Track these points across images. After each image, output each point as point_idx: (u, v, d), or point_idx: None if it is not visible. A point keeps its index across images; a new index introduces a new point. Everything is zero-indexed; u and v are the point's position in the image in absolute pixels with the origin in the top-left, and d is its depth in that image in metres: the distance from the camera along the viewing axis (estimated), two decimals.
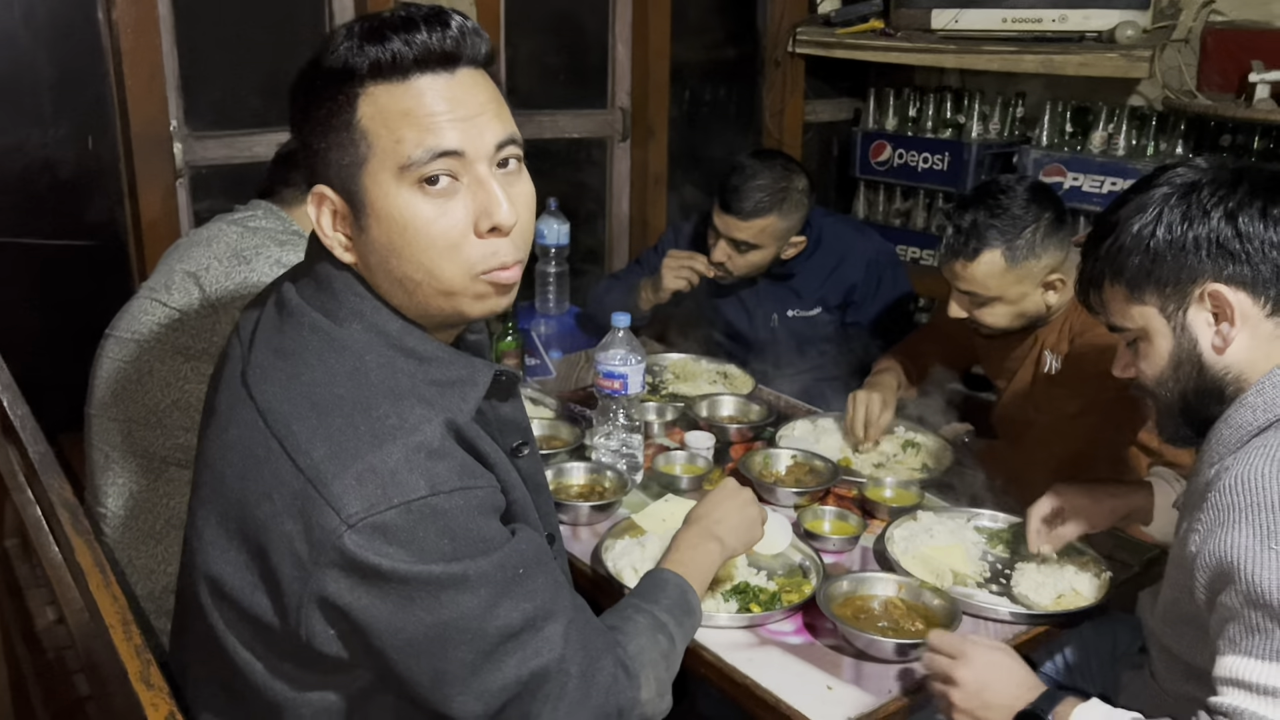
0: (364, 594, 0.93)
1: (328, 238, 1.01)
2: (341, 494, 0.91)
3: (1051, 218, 1.88)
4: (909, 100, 3.43)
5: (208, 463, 1.04)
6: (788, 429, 2.13)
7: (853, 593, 1.53)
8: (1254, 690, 1.06)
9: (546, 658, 1.01)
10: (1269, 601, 1.05)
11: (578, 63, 3.22)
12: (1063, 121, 3.10)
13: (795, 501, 1.84)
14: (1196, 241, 1.21)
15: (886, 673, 1.39)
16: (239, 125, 2.58)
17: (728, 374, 2.46)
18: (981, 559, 1.68)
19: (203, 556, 1.02)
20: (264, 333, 1.05)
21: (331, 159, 0.98)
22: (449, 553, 0.93)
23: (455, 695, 0.97)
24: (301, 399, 0.97)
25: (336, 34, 0.98)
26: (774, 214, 2.37)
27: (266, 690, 1.03)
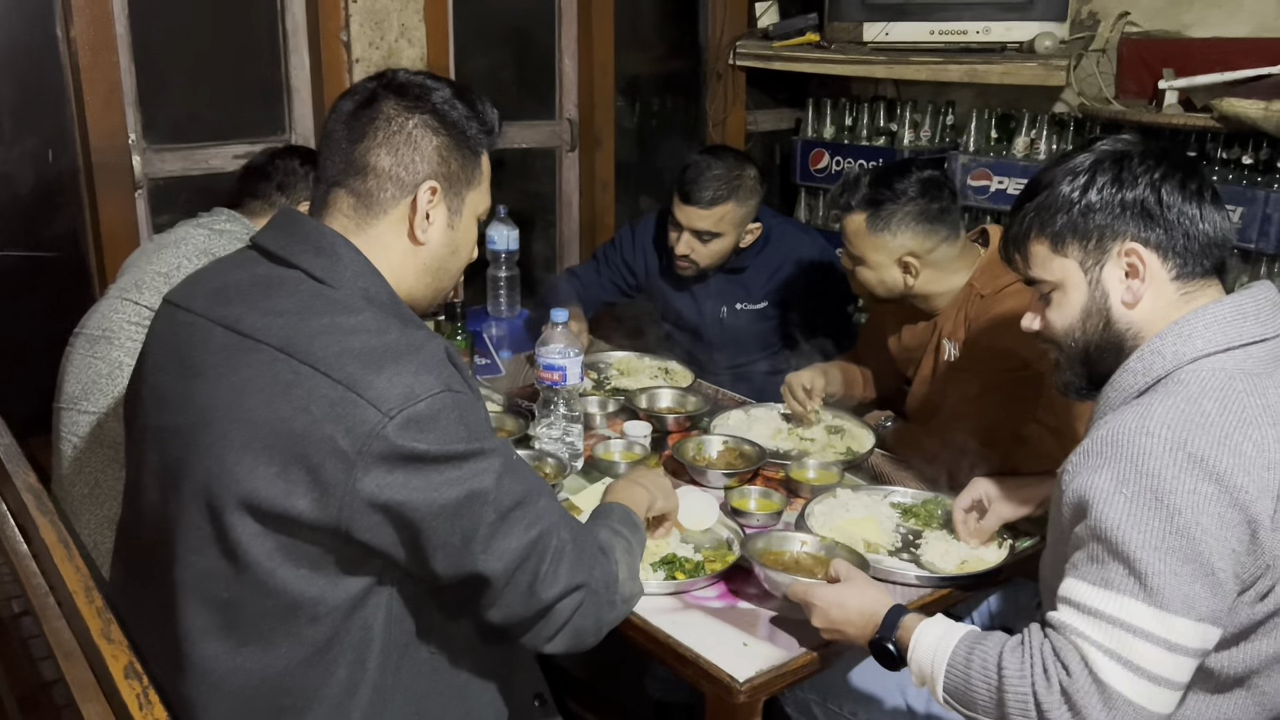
0: (403, 475, 1.12)
1: (421, 216, 1.29)
2: (378, 395, 1.11)
3: (922, 207, 2.04)
4: (846, 110, 3.57)
5: (212, 406, 1.18)
6: (722, 418, 2.25)
7: (768, 548, 1.66)
8: (1081, 610, 1.19)
9: (546, 523, 1.24)
10: (1108, 537, 1.19)
11: (526, 76, 3.34)
12: (989, 128, 3.25)
13: (725, 483, 1.96)
14: (1124, 204, 1.33)
15: (798, 630, 1.51)
16: (195, 138, 2.67)
17: (669, 370, 2.58)
18: (895, 530, 1.81)
19: (227, 481, 1.15)
20: (245, 297, 1.23)
21: (454, 171, 1.32)
22: (465, 435, 1.16)
23: (480, 553, 1.18)
24: (319, 334, 1.16)
25: (453, 88, 1.34)
26: (732, 201, 2.52)
27: (288, 590, 1.16)
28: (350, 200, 1.29)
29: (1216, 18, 2.97)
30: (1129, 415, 1.24)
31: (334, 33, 2.73)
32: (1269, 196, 2.58)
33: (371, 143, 1.27)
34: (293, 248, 1.26)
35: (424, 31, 2.88)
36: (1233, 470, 1.16)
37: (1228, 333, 1.28)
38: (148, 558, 1.28)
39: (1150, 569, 1.15)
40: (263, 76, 2.79)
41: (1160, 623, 1.15)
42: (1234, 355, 1.27)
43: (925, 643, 1.31)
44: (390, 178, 1.28)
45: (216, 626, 1.20)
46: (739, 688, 1.39)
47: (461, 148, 1.32)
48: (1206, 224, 1.32)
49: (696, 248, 2.58)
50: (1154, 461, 1.18)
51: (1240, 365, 1.26)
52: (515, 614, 1.24)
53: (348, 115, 1.30)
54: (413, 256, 1.32)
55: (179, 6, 2.62)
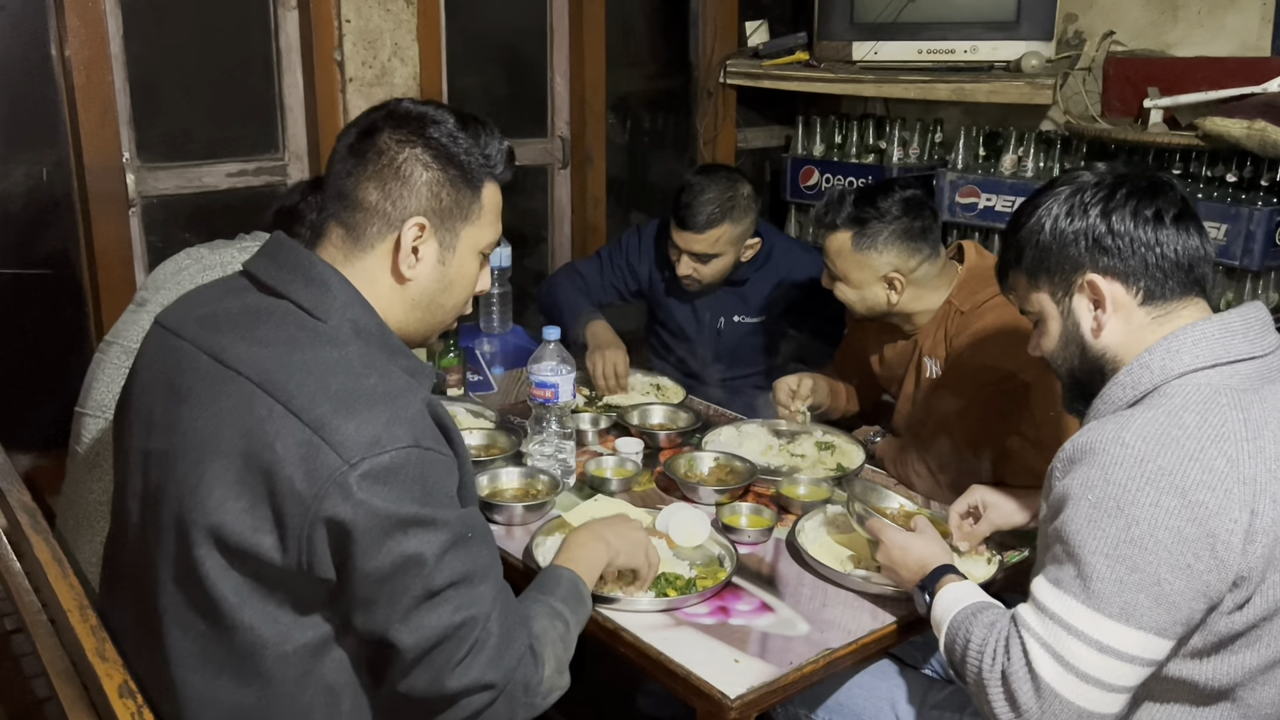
0: (350, 523, 1.10)
1: (406, 253, 1.27)
2: (343, 441, 1.10)
3: (906, 225, 2.07)
4: (835, 127, 3.60)
5: (192, 432, 1.18)
6: (714, 434, 2.26)
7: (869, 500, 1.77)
8: (1034, 604, 1.27)
9: (476, 611, 1.18)
10: (1068, 539, 1.24)
11: (518, 94, 3.37)
12: (977, 146, 3.28)
13: (716, 499, 1.97)
14: (1076, 236, 1.37)
15: (788, 647, 1.52)
16: (190, 156, 2.69)
17: (660, 386, 2.60)
18: None
19: (199, 513, 1.14)
20: (227, 326, 1.23)
21: (447, 207, 1.28)
22: (420, 497, 1.13)
23: (396, 623, 1.14)
24: (298, 370, 1.15)
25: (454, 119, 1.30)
26: (726, 222, 2.55)
27: (253, 629, 1.15)
28: (340, 232, 1.28)
29: (1200, 37, 3.01)
30: (1110, 424, 1.27)
31: (327, 52, 2.75)
32: (1252, 214, 2.61)
33: (362, 175, 1.26)
34: (282, 278, 1.24)
35: (417, 51, 2.90)
36: (1198, 486, 1.19)
37: (1215, 349, 1.30)
38: (133, 579, 1.28)
39: (1095, 573, 1.21)
40: (256, 95, 2.80)
41: (1094, 624, 1.20)
42: (1221, 371, 1.29)
43: (945, 600, 1.44)
44: (377, 212, 1.26)
45: (196, 655, 1.21)
46: (730, 704, 1.40)
47: (457, 182, 1.28)
48: (1167, 246, 1.34)
49: (698, 268, 2.61)
50: (1121, 471, 1.21)
51: (1226, 381, 1.28)
52: (418, 692, 1.19)
53: (347, 146, 1.29)
54: (399, 293, 1.29)
55: (173, 26, 2.64)
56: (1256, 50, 2.91)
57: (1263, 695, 1.28)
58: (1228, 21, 2.96)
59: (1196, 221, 1.37)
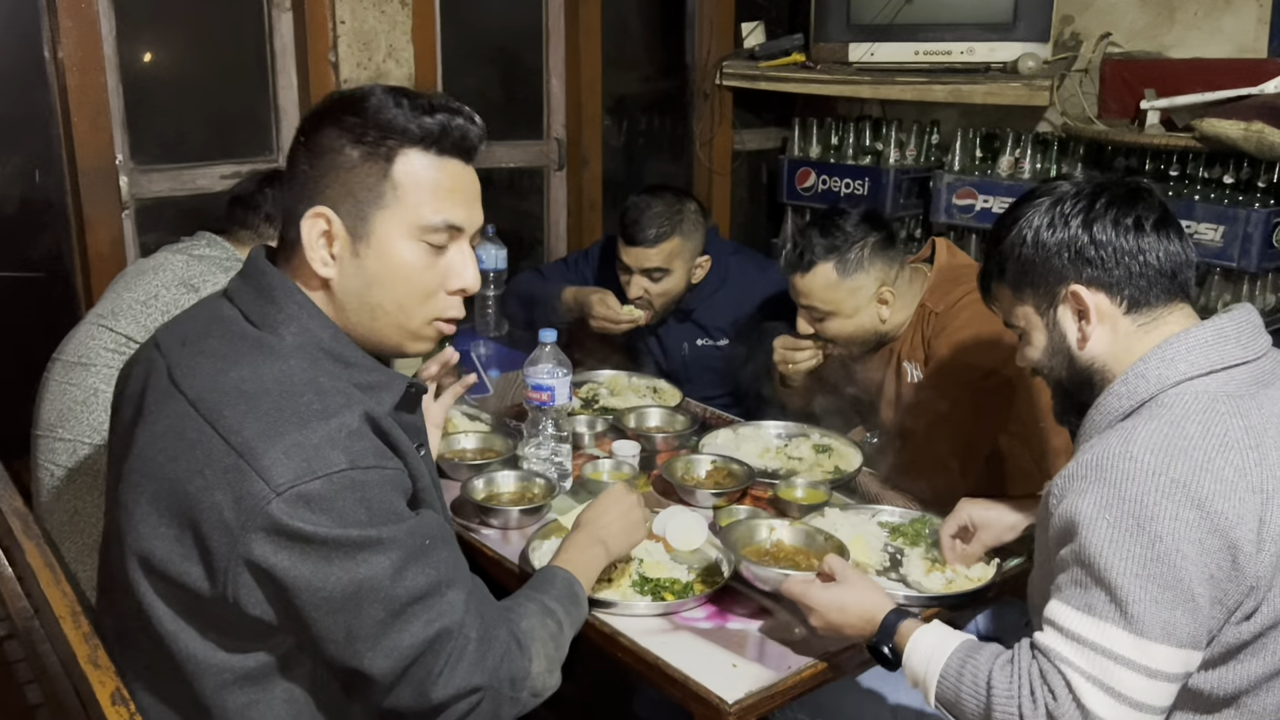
0: (287, 556, 1.04)
1: (312, 250, 1.15)
2: (270, 466, 1.03)
3: (880, 237, 2.09)
4: (832, 129, 3.60)
5: (137, 452, 1.13)
6: (711, 437, 2.25)
7: (747, 539, 1.69)
8: (1066, 634, 1.21)
9: (448, 620, 1.13)
10: (1091, 562, 1.20)
11: (513, 95, 3.36)
12: (974, 147, 3.28)
13: (714, 502, 1.96)
14: (1058, 248, 1.36)
15: (786, 651, 1.51)
16: (183, 159, 2.68)
17: (657, 389, 2.59)
18: (883, 550, 1.81)
19: (133, 537, 1.11)
20: (191, 340, 1.18)
21: (350, 191, 1.14)
22: (364, 520, 1.05)
23: (365, 651, 1.08)
24: (231, 390, 1.08)
25: (375, 93, 1.15)
26: (677, 236, 2.53)
27: (193, 657, 1.12)
28: (275, 239, 1.24)
29: (1197, 39, 3.01)
30: (1113, 439, 1.25)
31: (322, 54, 2.74)
32: (1249, 215, 2.61)
33: (284, 177, 1.21)
34: (240, 288, 1.20)
35: (412, 52, 2.89)
36: (1214, 496, 1.17)
37: (1210, 356, 1.29)
38: (109, 590, 1.26)
39: (1131, 596, 1.17)
40: (251, 97, 2.79)
41: (1140, 650, 1.16)
42: (1217, 378, 1.28)
43: (920, 650, 1.34)
44: (289, 214, 1.18)
45: (145, 676, 1.19)
46: (728, 709, 1.39)
47: (363, 161, 1.14)
48: (1150, 254, 1.33)
49: (649, 288, 2.57)
50: (1136, 486, 1.19)
51: (1223, 388, 1.27)
52: (404, 706, 1.14)
53: None
54: (327, 296, 1.19)
55: (167, 28, 2.63)
56: (1253, 52, 2.90)
57: (1267, 702, 1.27)
58: (1224, 23, 2.96)
59: (1176, 226, 1.37)
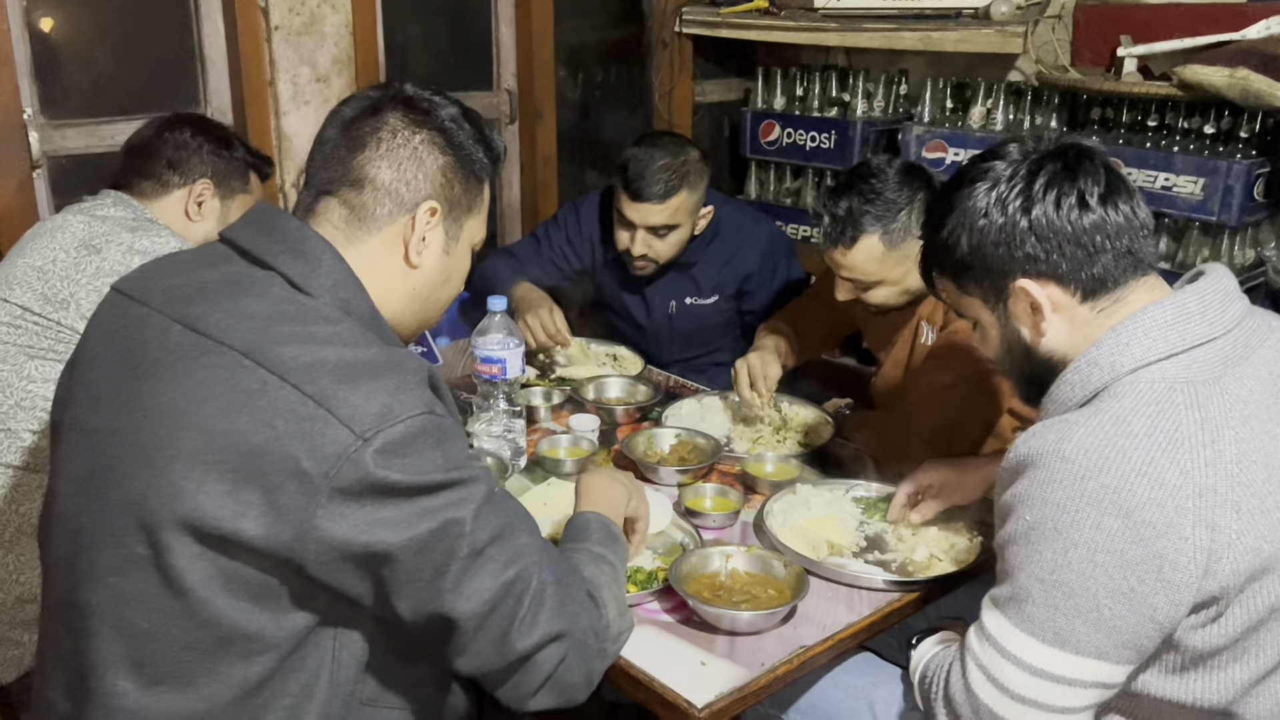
0: (371, 507, 1.02)
1: (417, 235, 1.22)
2: (351, 414, 1.01)
3: (925, 197, 1.90)
4: (796, 80, 3.45)
5: (160, 410, 1.06)
6: (674, 409, 2.13)
7: (693, 573, 1.51)
8: (980, 627, 1.21)
9: (525, 562, 1.13)
10: (1004, 556, 1.19)
11: (461, 44, 3.16)
12: (944, 98, 3.14)
13: (678, 480, 1.84)
14: (997, 241, 1.23)
15: (759, 645, 1.40)
16: (100, 113, 2.47)
17: (618, 356, 2.45)
18: (859, 529, 1.70)
19: (163, 496, 1.04)
20: (210, 296, 1.12)
21: (458, 194, 1.25)
22: (442, 464, 1.06)
23: (449, 591, 1.07)
24: (291, 341, 1.06)
25: (476, 119, 1.29)
26: (684, 189, 2.36)
27: (219, 625, 1.05)
28: (342, 211, 1.20)
29: None
30: (1051, 434, 1.15)
31: None
32: (1230, 167, 2.50)
33: (373, 153, 1.20)
34: (270, 247, 1.16)
35: None
36: (1145, 504, 1.07)
37: (1169, 338, 1.17)
38: (60, 573, 1.15)
39: (1030, 597, 1.14)
40: (173, 45, 2.58)
41: (1027, 648, 1.14)
42: (1177, 361, 1.16)
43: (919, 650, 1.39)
44: (389, 193, 1.20)
45: (128, 659, 1.08)
46: (698, 714, 1.28)
47: (465, 172, 1.25)
48: (1099, 234, 1.20)
49: (654, 244, 2.40)
50: (1060, 490, 1.11)
51: (1183, 373, 1.15)
52: (488, 664, 1.13)
53: (346, 121, 1.22)
54: (403, 280, 1.24)
55: None
56: None
57: (1260, 708, 1.18)
58: None
59: (1125, 189, 1.23)
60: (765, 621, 1.43)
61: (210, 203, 1.90)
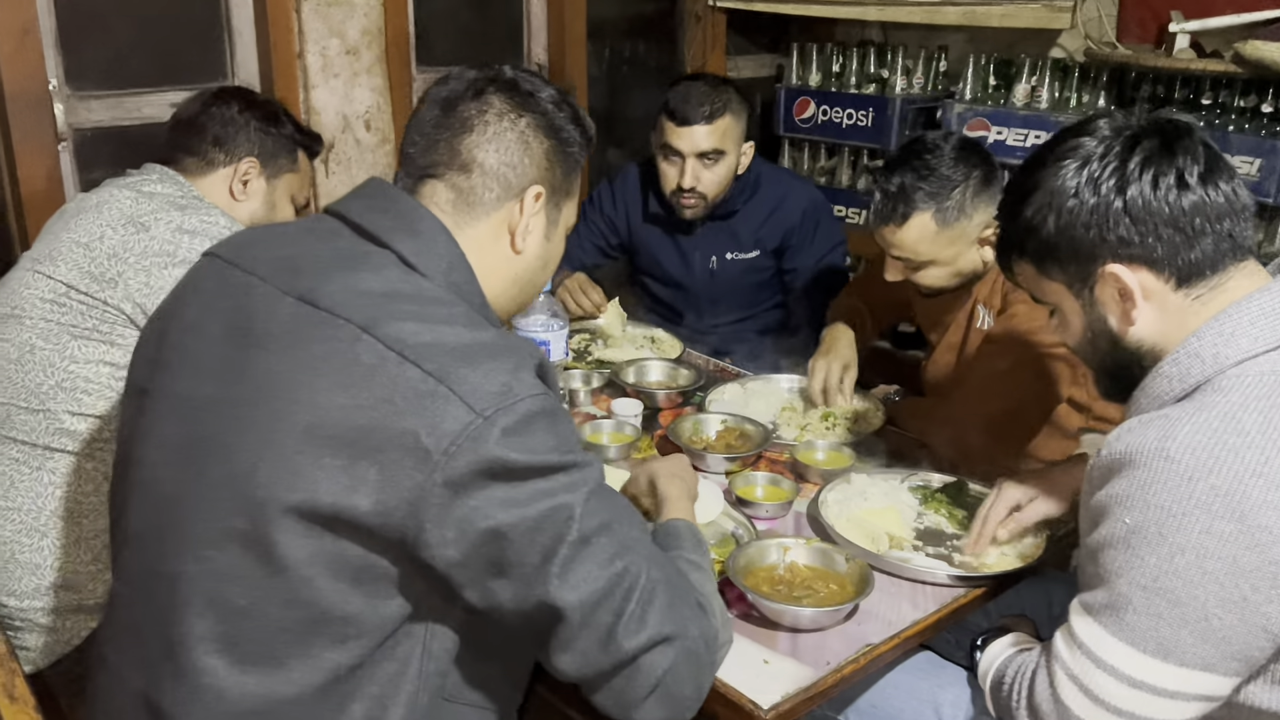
0: (487, 487, 1.00)
1: (526, 219, 1.21)
2: (472, 391, 0.99)
3: (981, 175, 1.83)
4: (832, 55, 3.37)
5: (272, 382, 1.04)
6: (717, 393, 2.06)
7: (757, 562, 1.46)
8: (1070, 635, 1.14)
9: (633, 556, 1.08)
10: (1102, 561, 1.10)
11: (490, 16, 3.09)
12: (986, 74, 3.06)
13: (726, 468, 1.78)
14: (1088, 223, 1.16)
15: (822, 643, 1.34)
16: (126, 84, 2.41)
17: (655, 338, 2.39)
18: (916, 520, 1.64)
19: (271, 469, 1.01)
20: (321, 270, 1.10)
21: (560, 178, 1.24)
22: (556, 446, 1.04)
23: (556, 577, 1.02)
24: (409, 319, 1.04)
25: (579, 107, 1.28)
26: (729, 114, 2.37)
27: (316, 605, 1.02)
28: (449, 195, 1.19)
29: None
30: (1152, 431, 1.08)
31: None
32: None
33: (480, 137, 1.19)
34: (384, 224, 1.15)
35: None
36: (1261, 507, 1.01)
37: (1278, 327, 1.10)
38: (147, 543, 1.11)
39: (1130, 604, 1.07)
40: (200, 15, 2.52)
41: (1126, 659, 1.08)
42: None
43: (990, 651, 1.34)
44: (497, 177, 1.19)
45: (219, 637, 1.04)
46: (764, 715, 1.22)
47: (565, 155, 1.25)
48: (1199, 216, 1.12)
49: (702, 175, 2.39)
50: (1165, 493, 1.04)
51: None
52: (592, 663, 1.07)
53: (446, 102, 1.21)
54: (506, 265, 1.23)
55: None
56: None
57: None
58: None
59: (1226, 169, 1.15)
60: (829, 618, 1.37)
61: (256, 182, 1.84)
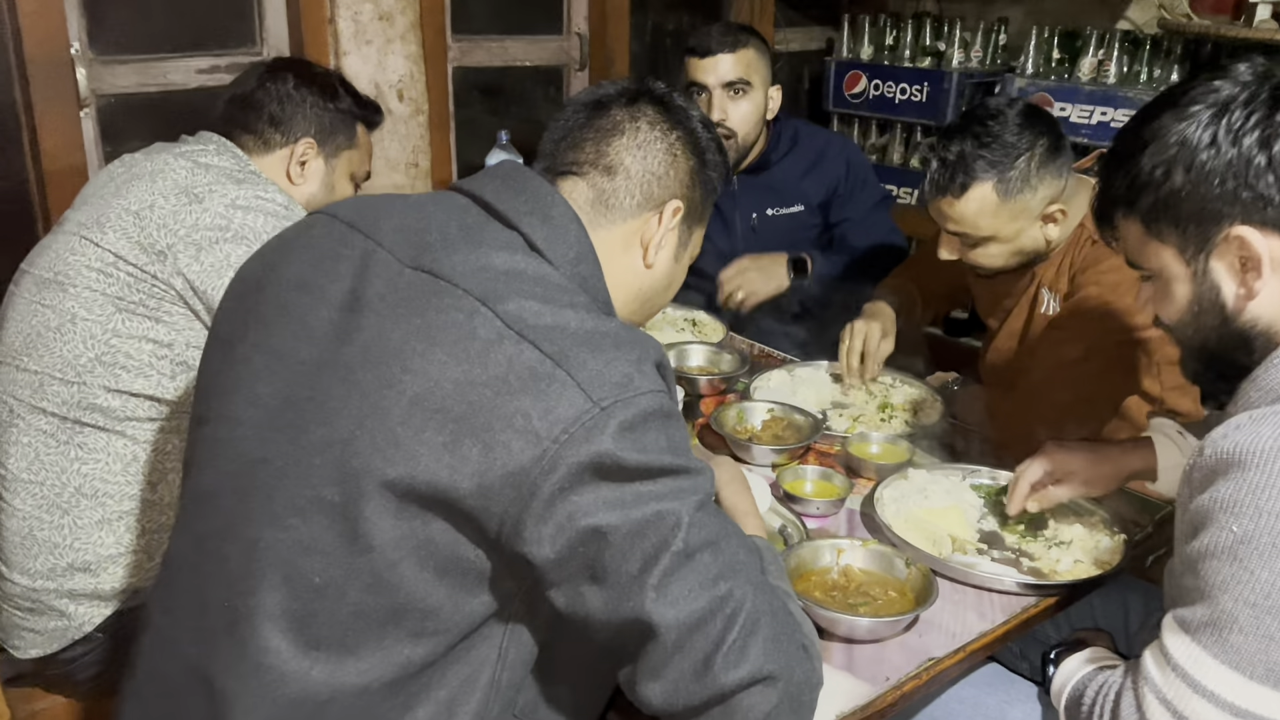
0: (594, 485, 0.93)
1: (664, 231, 1.18)
2: (591, 378, 0.94)
3: (1047, 144, 1.68)
4: (885, 27, 3.23)
5: (380, 350, 0.98)
6: (763, 379, 1.95)
7: (809, 564, 1.35)
8: (1163, 654, 1.02)
9: (738, 581, 0.98)
10: (1204, 574, 0.99)
11: None
12: (1049, 48, 2.91)
13: (773, 460, 1.67)
14: (1222, 177, 1.03)
15: (881, 655, 1.23)
16: (152, 49, 2.33)
17: (697, 321, 2.27)
18: (980, 521, 1.52)
19: (371, 440, 0.95)
20: (446, 243, 1.05)
21: (694, 201, 1.20)
22: (668, 447, 0.97)
23: (653, 589, 0.94)
24: (532, 298, 0.99)
25: (718, 138, 1.25)
26: (752, 47, 2.28)
27: (400, 590, 0.96)
28: (589, 194, 1.16)
29: None
30: (1266, 428, 0.96)
31: None
32: None
33: (630, 141, 1.16)
34: (516, 205, 1.10)
35: None
36: None
37: None
38: (227, 502, 1.04)
39: (1235, 623, 0.96)
40: None
41: (1229, 685, 0.97)
42: None
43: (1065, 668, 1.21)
44: (640, 184, 1.16)
45: (290, 615, 0.98)
46: None
47: (706, 181, 1.22)
48: None
49: (729, 108, 2.27)
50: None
51: None
52: (684, 694, 0.97)
53: (597, 105, 1.18)
54: (634, 277, 1.20)
55: None
56: None
57: None
58: None
59: None
60: (889, 629, 1.25)
61: (314, 163, 1.74)
